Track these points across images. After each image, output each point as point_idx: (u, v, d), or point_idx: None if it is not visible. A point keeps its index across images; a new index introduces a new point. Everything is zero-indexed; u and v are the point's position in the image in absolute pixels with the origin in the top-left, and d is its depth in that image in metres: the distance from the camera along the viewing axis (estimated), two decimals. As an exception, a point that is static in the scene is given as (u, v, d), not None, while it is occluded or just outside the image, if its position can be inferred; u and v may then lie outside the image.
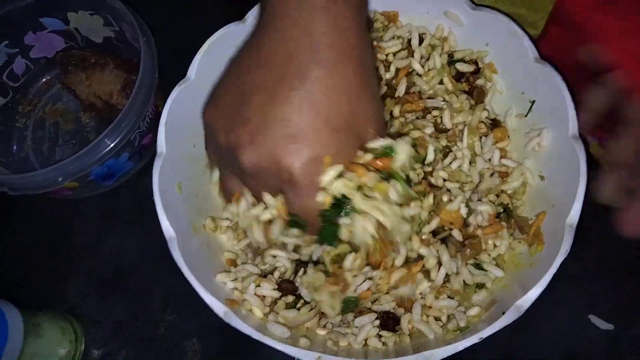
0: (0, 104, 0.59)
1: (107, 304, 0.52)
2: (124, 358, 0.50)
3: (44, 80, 0.62)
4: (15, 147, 0.59)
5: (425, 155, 0.42)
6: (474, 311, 0.38)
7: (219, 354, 0.49)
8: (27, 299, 0.52)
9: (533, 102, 0.44)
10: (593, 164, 0.50)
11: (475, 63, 0.47)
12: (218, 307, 0.37)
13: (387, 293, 0.40)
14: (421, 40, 0.48)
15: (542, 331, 0.47)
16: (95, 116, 0.59)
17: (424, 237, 0.40)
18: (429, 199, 0.40)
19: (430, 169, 0.42)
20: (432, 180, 0.42)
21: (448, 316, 0.39)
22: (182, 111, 0.43)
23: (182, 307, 0.51)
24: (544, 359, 0.47)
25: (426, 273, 0.40)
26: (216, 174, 0.39)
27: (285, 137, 0.30)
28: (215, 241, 0.45)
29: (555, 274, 0.35)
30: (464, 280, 0.40)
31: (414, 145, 0.40)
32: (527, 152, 0.44)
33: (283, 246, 0.38)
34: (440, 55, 0.47)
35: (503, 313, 0.34)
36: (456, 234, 0.41)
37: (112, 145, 0.48)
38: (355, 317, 0.40)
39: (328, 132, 0.31)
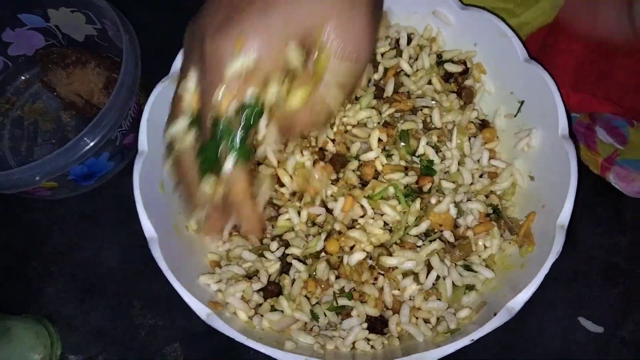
0: (-23, 101, 0.57)
1: (85, 308, 0.50)
2: (102, 364, 0.48)
3: (23, 78, 0.60)
4: (-9, 146, 0.57)
5: (417, 148, 0.41)
6: (464, 313, 0.37)
7: (202, 360, 0.47)
8: (1, 303, 0.50)
9: (522, 102, 0.44)
10: (581, 168, 0.50)
11: (464, 63, 0.46)
12: (201, 310, 0.35)
13: None
14: (409, 41, 0.47)
15: (533, 333, 0.46)
16: (76, 115, 0.58)
17: (410, 240, 0.40)
18: (416, 204, 0.39)
19: (417, 160, 0.42)
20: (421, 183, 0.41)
21: (438, 318, 0.39)
22: (164, 109, 0.41)
23: (164, 312, 0.49)
24: (534, 361, 0.46)
25: (415, 276, 0.39)
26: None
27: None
28: (198, 242, 0.44)
29: (545, 275, 0.35)
30: (453, 282, 0.39)
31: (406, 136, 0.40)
32: (517, 153, 0.44)
33: None
34: (428, 56, 0.46)
35: (494, 314, 0.33)
36: (447, 235, 0.40)
37: (92, 144, 0.46)
38: (342, 319, 0.39)
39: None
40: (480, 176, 0.44)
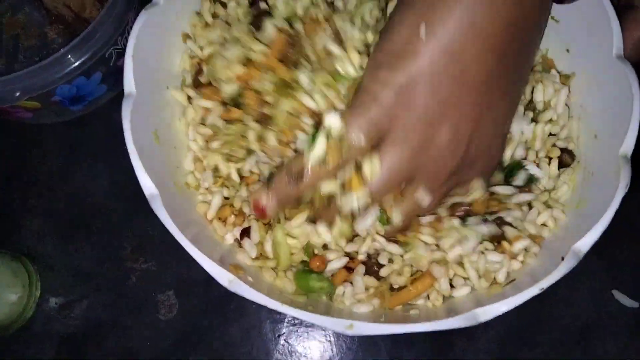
0: (-53, 7, 0.49)
1: (68, 248, 0.45)
2: (86, 308, 0.43)
3: (2, -15, 0.52)
4: (-36, 60, 0.50)
5: None
6: (516, 264, 0.32)
7: (198, 312, 0.43)
8: (-27, 236, 0.44)
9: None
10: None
11: None
12: (222, 276, 0.29)
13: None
14: None
15: (563, 304, 0.43)
16: (64, 31, 0.50)
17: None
18: None
19: None
20: None
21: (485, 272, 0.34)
22: (151, 43, 0.35)
23: (157, 256, 0.44)
24: (562, 331, 0.42)
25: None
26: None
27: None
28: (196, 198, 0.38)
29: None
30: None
31: None
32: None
33: None
34: None
35: (562, 258, 0.29)
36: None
37: (82, 59, 0.40)
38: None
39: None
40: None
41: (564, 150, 0.35)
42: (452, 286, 0.33)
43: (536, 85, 0.36)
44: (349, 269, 0.33)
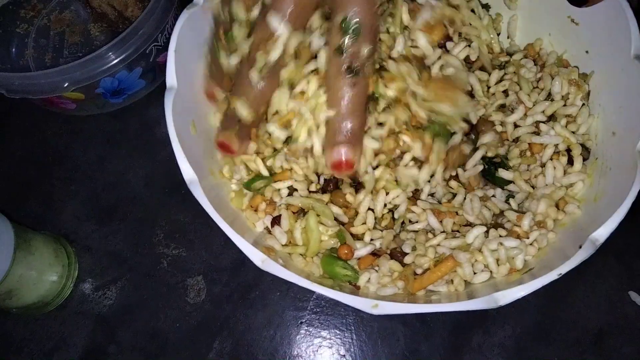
0: (0, 4, 0.52)
1: (105, 232, 0.47)
2: (119, 290, 0.45)
3: (51, -16, 0.56)
4: (14, 53, 0.53)
5: None
6: (532, 250, 0.34)
7: (225, 296, 0.45)
8: (18, 217, 0.47)
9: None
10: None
11: None
12: (255, 255, 0.31)
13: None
14: None
15: (579, 304, 0.44)
16: (106, 29, 0.53)
17: None
18: None
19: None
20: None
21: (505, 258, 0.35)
22: (193, 38, 0.37)
23: (187, 243, 0.47)
24: (578, 331, 0.43)
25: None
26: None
27: None
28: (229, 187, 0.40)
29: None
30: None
31: None
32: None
33: None
34: None
35: (580, 247, 0.30)
36: None
37: (125, 53, 0.43)
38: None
39: None
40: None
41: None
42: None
43: (553, 78, 0.38)
44: (374, 254, 0.34)
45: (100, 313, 0.45)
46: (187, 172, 0.33)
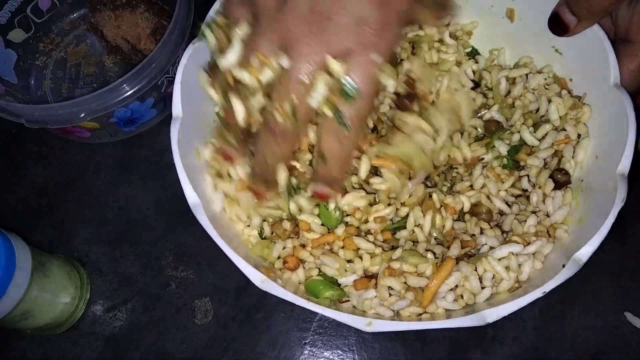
0: (21, 38, 0.56)
1: (116, 255, 0.49)
2: (129, 311, 0.47)
3: (68, 19, 0.59)
4: (33, 84, 0.56)
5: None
6: (537, 264, 0.35)
7: (231, 318, 0.46)
8: (33, 240, 0.49)
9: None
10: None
11: None
12: (255, 276, 0.33)
13: None
14: None
15: (575, 325, 0.45)
16: (120, 61, 0.56)
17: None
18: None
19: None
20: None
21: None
22: (197, 72, 0.38)
23: (195, 265, 0.48)
24: (574, 352, 0.44)
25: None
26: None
27: None
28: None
29: (591, 263, 0.32)
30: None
31: None
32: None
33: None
34: None
35: (563, 266, 0.31)
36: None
37: (139, 85, 0.45)
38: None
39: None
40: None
41: (559, 170, 0.38)
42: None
43: (550, 102, 0.40)
44: (370, 277, 0.36)
45: (111, 334, 0.46)
46: (191, 196, 0.35)
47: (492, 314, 0.30)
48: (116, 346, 0.46)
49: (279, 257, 0.38)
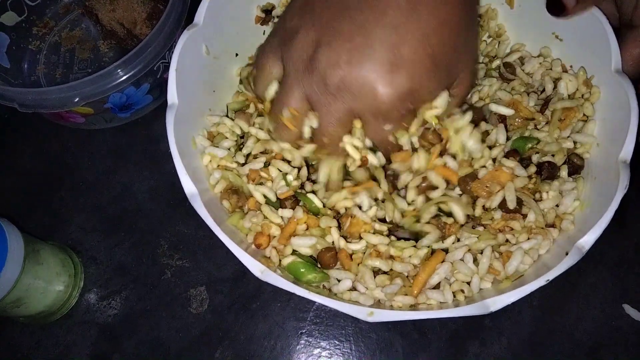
0: (14, 21, 0.55)
1: (110, 243, 0.49)
2: (124, 300, 0.46)
3: (62, 3, 0.58)
4: (26, 69, 0.55)
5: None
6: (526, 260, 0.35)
7: (227, 307, 0.46)
8: (27, 227, 0.48)
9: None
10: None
11: None
12: (254, 266, 0.32)
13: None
14: None
15: (573, 317, 0.44)
16: (115, 46, 0.55)
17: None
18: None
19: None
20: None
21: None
22: (193, 58, 0.39)
23: (190, 254, 0.48)
24: (572, 343, 0.44)
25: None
26: (272, 87, 0.35)
27: (386, 64, 0.29)
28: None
29: (592, 254, 0.32)
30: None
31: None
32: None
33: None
34: None
35: (566, 254, 0.31)
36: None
37: (133, 71, 0.44)
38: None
39: (430, 66, 0.29)
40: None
41: (575, 155, 0.38)
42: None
43: (558, 80, 0.39)
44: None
45: (105, 322, 0.46)
46: (188, 186, 0.34)
47: (496, 303, 0.30)
48: (110, 335, 0.46)
49: (249, 230, 0.37)
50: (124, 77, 0.44)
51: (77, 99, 0.42)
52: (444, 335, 0.44)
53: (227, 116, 0.42)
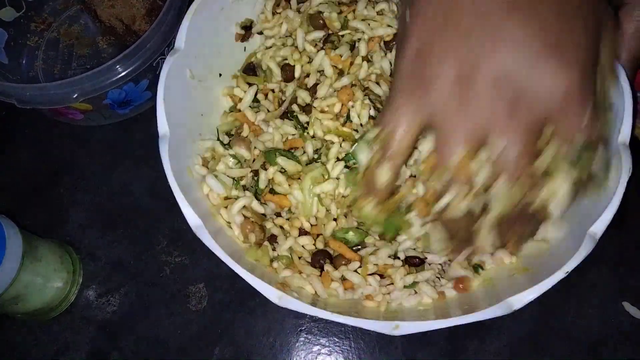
0: (12, 17, 0.54)
1: (109, 240, 0.48)
2: (123, 297, 0.46)
3: (61, -1, 0.58)
4: (24, 65, 0.55)
5: None
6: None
7: (226, 304, 0.46)
8: (25, 224, 0.48)
9: None
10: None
11: None
12: (272, 294, 0.32)
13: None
14: None
15: (573, 315, 0.44)
16: (114, 42, 0.55)
17: None
18: None
19: None
20: None
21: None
22: (179, 84, 0.38)
23: (190, 251, 0.47)
24: (571, 340, 0.44)
25: None
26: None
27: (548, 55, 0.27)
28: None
29: (589, 259, 0.32)
30: None
31: None
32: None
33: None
34: None
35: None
36: None
37: (132, 67, 0.44)
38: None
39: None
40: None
41: None
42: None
43: None
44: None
45: (104, 319, 0.46)
46: (192, 219, 0.34)
47: (518, 301, 0.30)
48: (109, 332, 0.45)
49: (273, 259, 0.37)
50: (123, 73, 0.44)
51: (75, 95, 0.42)
52: (444, 332, 0.44)
53: (218, 139, 0.41)
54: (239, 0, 0.43)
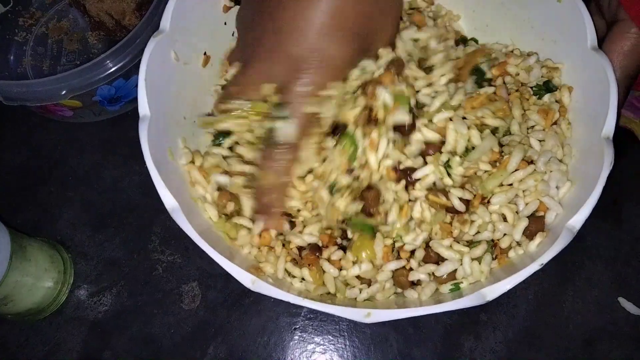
0: (-1, 12, 0.53)
1: (100, 239, 0.48)
2: (115, 296, 0.46)
3: (49, -7, 0.56)
4: (12, 61, 0.54)
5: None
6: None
7: (219, 303, 0.45)
8: (14, 223, 0.47)
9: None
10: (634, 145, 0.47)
11: None
12: (244, 278, 0.31)
13: None
14: None
15: (568, 310, 0.44)
16: (104, 37, 0.54)
17: None
18: None
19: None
20: None
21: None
22: (163, 66, 0.37)
23: (182, 250, 0.47)
24: (567, 336, 0.44)
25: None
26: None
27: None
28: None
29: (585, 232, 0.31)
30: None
31: None
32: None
33: None
34: None
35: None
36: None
37: (122, 62, 0.43)
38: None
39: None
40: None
41: None
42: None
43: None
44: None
45: (96, 319, 0.45)
46: (168, 200, 0.33)
47: (492, 292, 0.29)
48: (101, 332, 0.45)
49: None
50: (113, 69, 0.43)
51: (64, 91, 0.41)
52: (439, 329, 0.44)
53: (220, 144, 0.39)
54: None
